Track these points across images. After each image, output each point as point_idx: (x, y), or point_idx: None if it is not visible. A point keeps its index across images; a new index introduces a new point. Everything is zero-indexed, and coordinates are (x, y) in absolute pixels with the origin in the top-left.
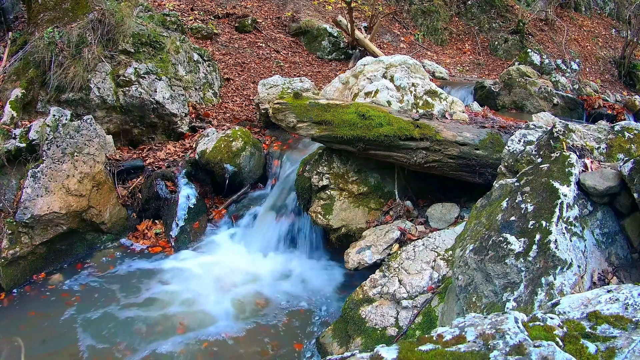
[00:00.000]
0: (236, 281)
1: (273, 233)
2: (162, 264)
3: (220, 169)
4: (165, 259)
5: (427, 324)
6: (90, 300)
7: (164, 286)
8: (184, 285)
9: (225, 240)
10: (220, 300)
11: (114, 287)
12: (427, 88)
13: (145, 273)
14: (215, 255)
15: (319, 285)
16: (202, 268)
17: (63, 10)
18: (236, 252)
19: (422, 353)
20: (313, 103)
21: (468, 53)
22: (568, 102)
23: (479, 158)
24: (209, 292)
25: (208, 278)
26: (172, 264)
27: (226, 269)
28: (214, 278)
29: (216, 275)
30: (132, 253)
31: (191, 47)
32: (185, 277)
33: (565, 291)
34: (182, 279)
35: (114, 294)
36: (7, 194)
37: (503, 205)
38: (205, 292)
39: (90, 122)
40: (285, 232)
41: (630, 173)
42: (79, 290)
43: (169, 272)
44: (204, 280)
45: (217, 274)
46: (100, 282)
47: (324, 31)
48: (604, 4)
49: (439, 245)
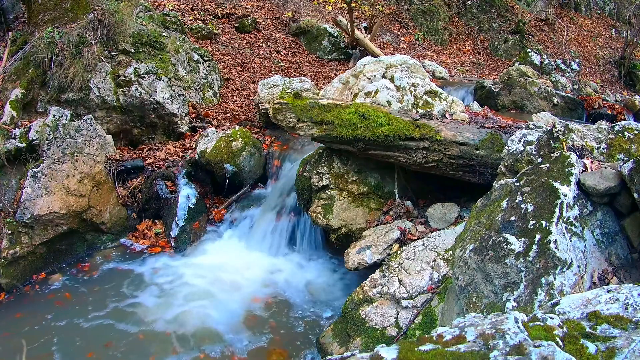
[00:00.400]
0: (236, 281)
1: (273, 233)
2: (161, 264)
3: (220, 169)
4: (165, 259)
5: (427, 324)
6: (86, 302)
7: (163, 286)
8: (183, 286)
9: (225, 240)
10: (220, 300)
11: (113, 288)
12: (427, 88)
13: (144, 273)
14: (215, 255)
15: (318, 285)
16: (202, 268)
17: (63, 10)
18: (236, 252)
19: (422, 353)
20: (313, 103)
21: (468, 53)
22: (568, 102)
23: (479, 158)
24: (208, 291)
25: (208, 278)
26: (172, 264)
27: (226, 269)
28: (213, 278)
29: (216, 275)
30: (132, 253)
31: (191, 47)
32: (185, 277)
33: (565, 291)
34: (182, 279)
35: (113, 295)
36: (7, 194)
37: (503, 205)
38: (205, 291)
39: (90, 122)
40: (285, 232)
41: (630, 173)
42: (75, 291)
43: (169, 272)
44: (204, 280)
45: (216, 274)
46: (99, 282)
47: (324, 31)
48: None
49: (439, 245)
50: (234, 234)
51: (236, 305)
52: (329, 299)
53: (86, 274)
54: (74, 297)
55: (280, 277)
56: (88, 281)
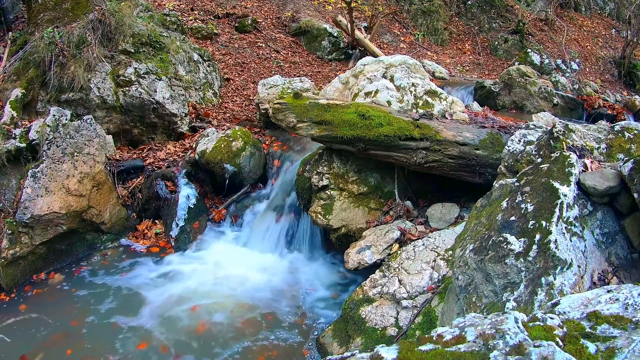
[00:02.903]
0: (235, 280)
1: (273, 233)
2: (161, 264)
3: (220, 169)
4: (165, 259)
5: (427, 324)
6: (86, 302)
7: (163, 286)
8: (183, 286)
9: (225, 241)
10: (220, 299)
11: (113, 288)
12: (427, 88)
13: (144, 273)
14: (215, 255)
15: (318, 285)
16: (202, 268)
17: (63, 10)
18: (236, 252)
19: (422, 353)
20: (313, 103)
21: (468, 53)
22: (568, 102)
23: (479, 158)
24: (208, 291)
25: (208, 278)
26: (172, 264)
27: (226, 268)
28: (213, 277)
29: (216, 275)
30: (132, 253)
31: (191, 47)
32: (185, 277)
33: (565, 291)
34: (182, 279)
35: (113, 295)
36: (7, 194)
37: (503, 205)
38: (205, 291)
39: (90, 122)
40: (285, 232)
41: (630, 173)
42: (75, 291)
43: (169, 272)
44: (204, 280)
45: (216, 273)
46: (99, 282)
47: (324, 31)
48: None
49: (439, 245)
50: (234, 234)
51: (235, 304)
52: (328, 299)
53: (86, 274)
54: (73, 297)
55: (280, 276)
56: (88, 281)
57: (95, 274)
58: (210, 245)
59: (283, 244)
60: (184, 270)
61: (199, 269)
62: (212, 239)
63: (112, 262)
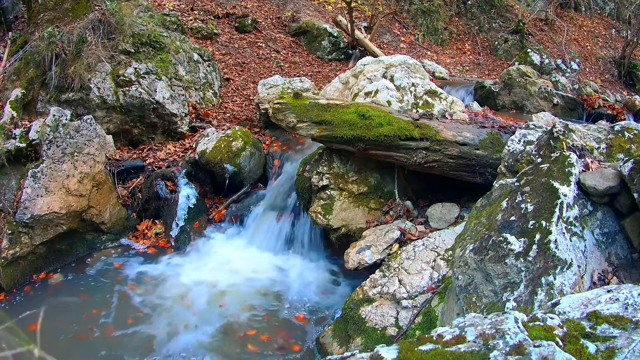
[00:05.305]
0: (235, 280)
1: (273, 233)
2: (161, 264)
3: (220, 169)
4: (165, 259)
5: (427, 324)
6: (86, 302)
7: (162, 286)
8: (183, 285)
9: (226, 240)
10: (220, 300)
11: (113, 288)
12: (427, 88)
13: (144, 273)
14: (214, 255)
15: (318, 285)
16: (202, 268)
17: (63, 10)
18: (236, 252)
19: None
20: (313, 103)
21: (468, 53)
22: (568, 102)
23: (479, 158)
24: (208, 291)
25: (207, 277)
26: (172, 264)
27: (225, 268)
28: (213, 277)
29: (215, 275)
30: (132, 253)
31: (191, 47)
32: (185, 277)
33: (565, 291)
34: (182, 279)
35: (113, 295)
36: (7, 194)
37: (503, 205)
38: (205, 291)
39: (90, 122)
40: (285, 232)
41: (630, 173)
42: (75, 291)
43: (169, 272)
44: (204, 280)
45: (216, 273)
46: (99, 282)
47: (324, 31)
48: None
49: (439, 245)
50: (234, 234)
51: (235, 304)
52: (328, 299)
53: (86, 274)
54: (73, 297)
55: (279, 276)
56: (88, 281)
57: (95, 274)
58: (210, 245)
59: (283, 243)
60: (183, 270)
61: (198, 269)
62: (212, 239)
63: (112, 262)
